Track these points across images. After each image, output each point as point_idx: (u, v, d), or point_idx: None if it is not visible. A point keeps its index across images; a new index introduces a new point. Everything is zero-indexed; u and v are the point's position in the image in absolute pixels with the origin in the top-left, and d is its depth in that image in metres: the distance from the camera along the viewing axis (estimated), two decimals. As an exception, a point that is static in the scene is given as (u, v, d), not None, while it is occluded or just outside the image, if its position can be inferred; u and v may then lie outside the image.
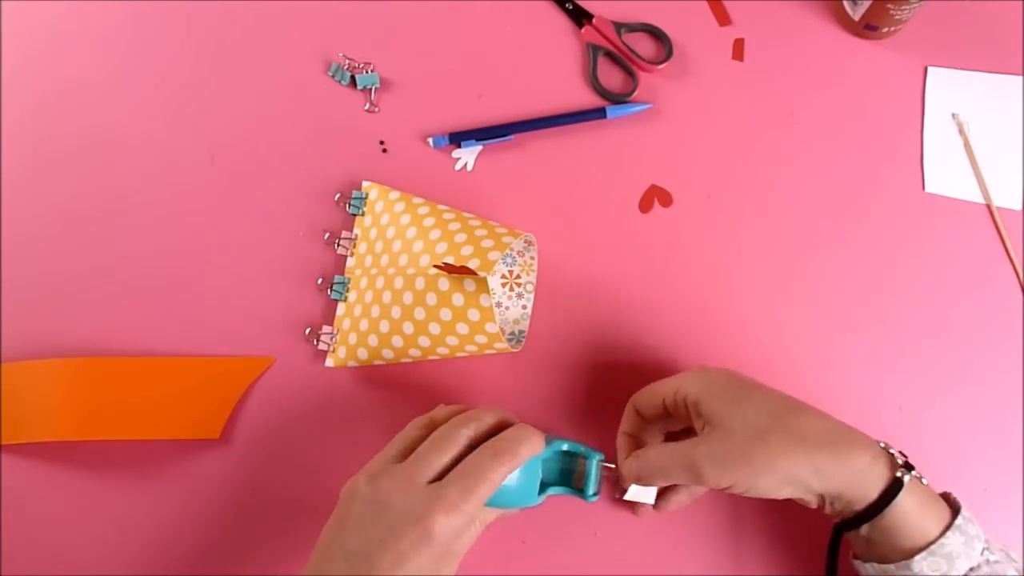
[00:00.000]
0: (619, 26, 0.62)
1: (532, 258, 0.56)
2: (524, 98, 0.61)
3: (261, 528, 0.52)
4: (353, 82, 0.61)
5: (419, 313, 0.50)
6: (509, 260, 0.56)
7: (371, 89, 0.61)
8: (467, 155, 0.60)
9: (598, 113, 0.60)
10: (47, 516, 0.52)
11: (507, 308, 0.56)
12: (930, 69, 0.62)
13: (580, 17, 0.63)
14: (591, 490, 0.47)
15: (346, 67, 0.62)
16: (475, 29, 0.63)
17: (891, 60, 0.62)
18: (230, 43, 0.63)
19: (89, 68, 0.62)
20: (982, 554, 0.40)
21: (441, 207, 0.55)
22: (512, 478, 0.44)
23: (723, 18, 0.64)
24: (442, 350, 0.51)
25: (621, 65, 0.62)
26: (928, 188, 0.59)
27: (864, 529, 0.41)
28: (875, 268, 0.57)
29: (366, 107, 0.61)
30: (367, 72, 0.62)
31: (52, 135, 0.60)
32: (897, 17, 0.59)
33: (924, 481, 0.42)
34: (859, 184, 0.59)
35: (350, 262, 0.56)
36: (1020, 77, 0.62)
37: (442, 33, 0.63)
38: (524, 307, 0.55)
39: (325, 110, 0.61)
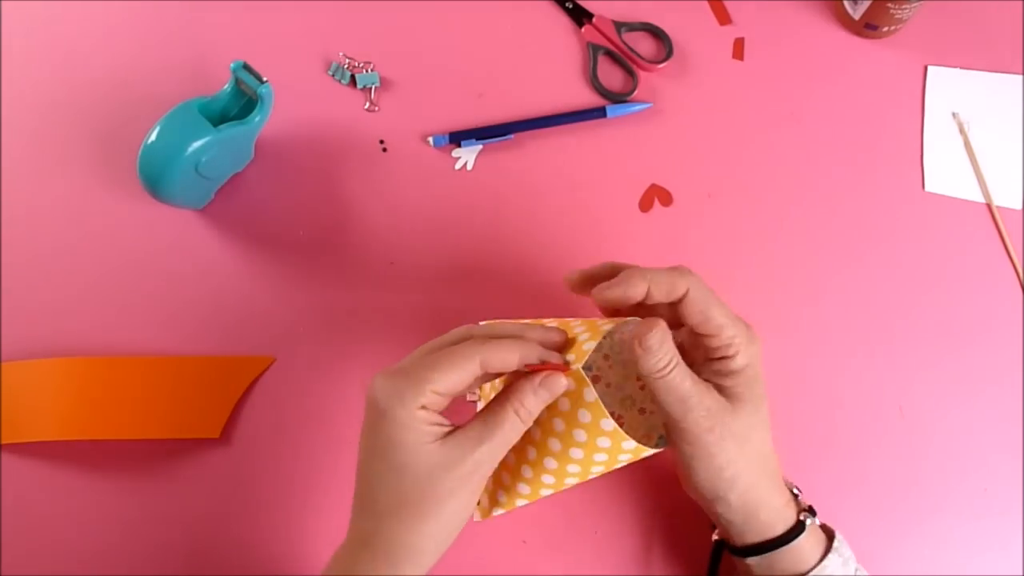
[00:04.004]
0: (619, 25, 0.62)
1: None
2: (524, 98, 0.61)
3: (261, 528, 0.52)
4: (353, 82, 0.61)
5: (554, 444, 0.42)
6: (607, 349, 0.48)
7: (371, 89, 0.61)
8: (467, 154, 0.60)
9: (598, 113, 0.60)
10: (47, 516, 0.52)
11: (644, 411, 0.47)
12: (930, 68, 0.62)
13: (580, 16, 0.63)
14: None
15: (346, 67, 0.62)
16: (475, 29, 0.63)
17: (891, 59, 0.62)
18: (230, 43, 0.63)
19: (89, 67, 0.62)
20: (856, 572, 0.44)
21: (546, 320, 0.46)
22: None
23: (723, 17, 0.64)
24: (597, 469, 0.42)
25: (621, 64, 0.62)
26: (928, 187, 0.59)
27: (752, 559, 0.43)
28: (875, 267, 0.57)
29: (366, 107, 0.61)
30: (367, 72, 0.62)
31: (52, 135, 0.60)
32: (897, 16, 0.59)
33: (817, 522, 0.44)
34: (859, 183, 0.59)
35: (479, 406, 0.48)
36: (1020, 77, 0.62)
37: (442, 33, 0.63)
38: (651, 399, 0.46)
39: (325, 109, 0.61)
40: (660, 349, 0.39)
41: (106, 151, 0.60)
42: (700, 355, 0.43)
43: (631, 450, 0.41)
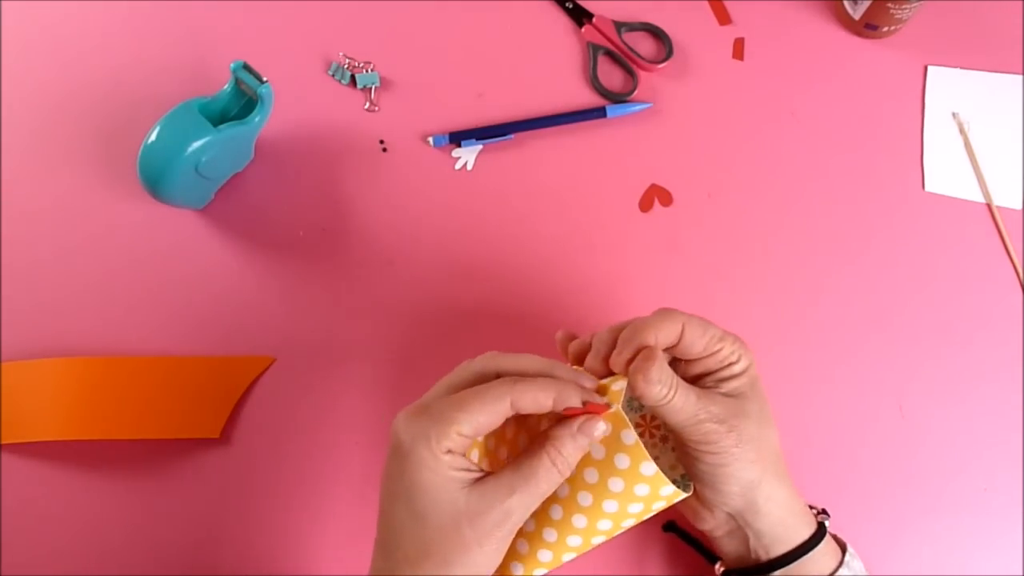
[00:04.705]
0: (619, 25, 0.62)
1: None
2: (524, 98, 0.61)
3: (261, 528, 0.52)
4: (353, 82, 0.61)
5: (585, 499, 0.40)
6: (636, 404, 0.47)
7: (371, 88, 0.61)
8: (467, 154, 0.60)
9: (598, 112, 0.60)
10: (47, 516, 0.52)
11: (658, 457, 0.45)
12: (930, 68, 0.62)
13: (580, 16, 0.63)
14: None
15: (346, 67, 0.62)
16: (475, 29, 0.63)
17: (891, 59, 0.62)
18: (230, 43, 0.63)
19: (89, 67, 0.62)
20: None
21: None
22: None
23: (723, 17, 0.64)
24: (628, 522, 0.41)
25: (621, 64, 0.62)
26: (928, 187, 0.59)
27: (777, 572, 0.42)
28: (875, 267, 0.57)
29: (366, 106, 0.61)
30: (367, 71, 0.62)
31: (52, 135, 0.60)
32: (897, 16, 0.59)
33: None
34: (859, 183, 0.59)
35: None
36: (1020, 77, 0.62)
37: (442, 33, 0.63)
38: (673, 448, 0.45)
39: (325, 109, 0.61)
40: (661, 378, 0.38)
41: (106, 151, 0.60)
42: (698, 371, 0.42)
43: (667, 496, 0.39)
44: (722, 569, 0.45)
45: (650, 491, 0.38)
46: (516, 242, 0.58)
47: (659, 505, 0.40)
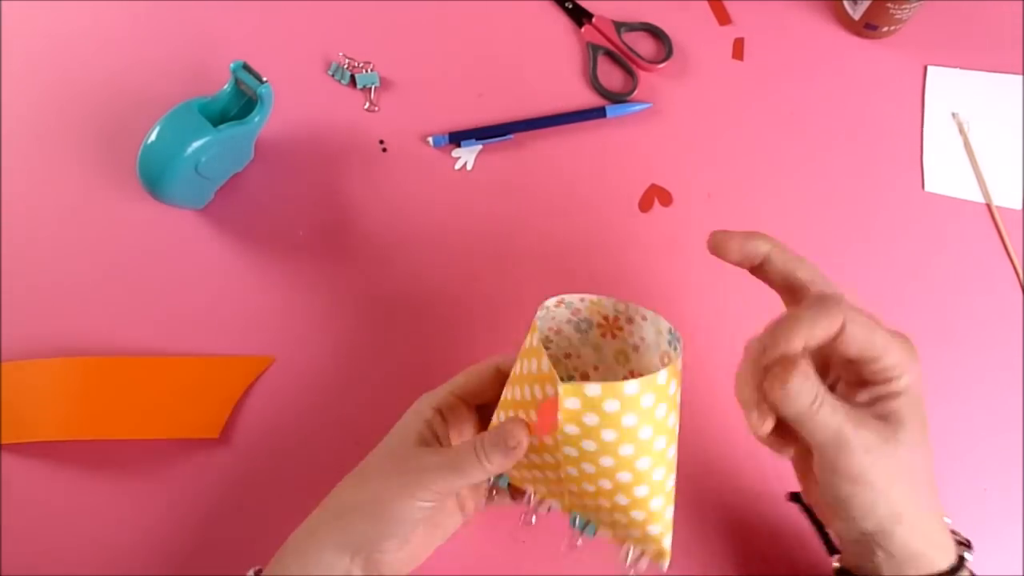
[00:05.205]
0: (619, 25, 0.62)
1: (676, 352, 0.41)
2: (524, 98, 0.61)
3: (260, 528, 0.52)
4: (353, 82, 0.61)
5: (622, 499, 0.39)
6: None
7: (371, 89, 0.61)
8: (467, 154, 0.60)
9: (598, 113, 0.60)
10: (47, 516, 0.52)
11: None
12: (930, 68, 0.62)
13: (580, 16, 0.63)
14: None
15: (346, 67, 0.62)
16: (475, 29, 0.63)
17: (891, 60, 0.62)
18: (231, 43, 0.63)
19: (89, 68, 0.62)
20: None
21: None
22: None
23: (723, 18, 0.64)
24: (659, 443, 0.38)
25: (621, 64, 0.62)
26: (928, 187, 0.59)
27: None
28: (874, 267, 0.57)
29: (366, 107, 0.61)
30: (367, 72, 0.62)
31: (52, 135, 0.60)
32: (897, 16, 0.60)
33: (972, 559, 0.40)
34: (859, 183, 0.59)
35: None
36: (1020, 77, 0.62)
37: (442, 33, 0.63)
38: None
39: (325, 109, 0.61)
40: (802, 389, 0.34)
41: (106, 151, 0.60)
42: (852, 377, 0.38)
43: (637, 393, 0.35)
44: (837, 566, 0.42)
45: (620, 405, 0.35)
46: (516, 242, 0.58)
47: (648, 401, 0.35)
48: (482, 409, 0.46)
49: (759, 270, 0.40)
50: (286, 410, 0.54)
